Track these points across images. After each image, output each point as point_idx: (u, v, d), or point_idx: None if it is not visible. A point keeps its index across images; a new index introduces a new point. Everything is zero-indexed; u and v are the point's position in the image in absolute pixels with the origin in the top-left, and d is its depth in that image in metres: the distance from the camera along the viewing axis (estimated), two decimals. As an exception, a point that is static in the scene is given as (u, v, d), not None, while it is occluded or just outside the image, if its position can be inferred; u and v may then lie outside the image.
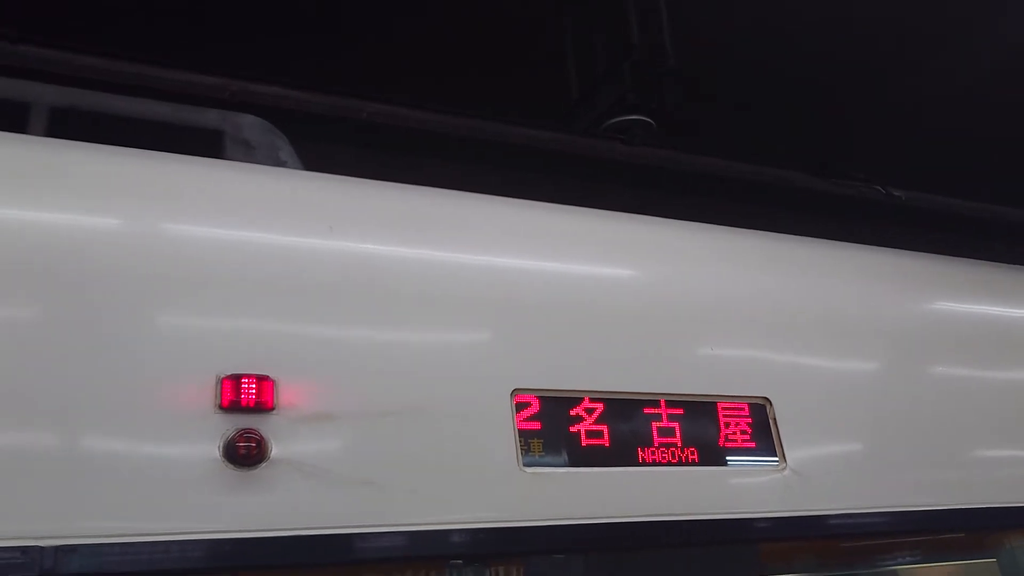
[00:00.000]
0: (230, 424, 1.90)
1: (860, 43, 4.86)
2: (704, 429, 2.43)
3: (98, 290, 1.93)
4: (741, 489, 2.41)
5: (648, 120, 4.06)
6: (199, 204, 2.20)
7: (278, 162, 2.81)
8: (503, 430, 2.18)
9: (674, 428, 2.38)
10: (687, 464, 2.36)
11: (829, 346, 2.80)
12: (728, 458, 2.43)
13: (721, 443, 2.43)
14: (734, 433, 2.46)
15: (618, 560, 2.37)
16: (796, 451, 2.51)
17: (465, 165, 3.70)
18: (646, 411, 2.37)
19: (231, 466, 1.87)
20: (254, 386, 1.93)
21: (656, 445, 2.34)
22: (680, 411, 2.41)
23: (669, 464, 2.33)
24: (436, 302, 2.26)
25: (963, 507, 2.71)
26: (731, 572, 2.49)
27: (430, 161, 3.59)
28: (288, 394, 1.98)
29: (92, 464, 1.79)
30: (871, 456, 2.66)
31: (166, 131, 2.75)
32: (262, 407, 1.93)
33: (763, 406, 2.55)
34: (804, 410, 2.60)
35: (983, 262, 3.59)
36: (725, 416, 2.47)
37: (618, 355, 2.42)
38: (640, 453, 2.31)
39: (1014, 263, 3.70)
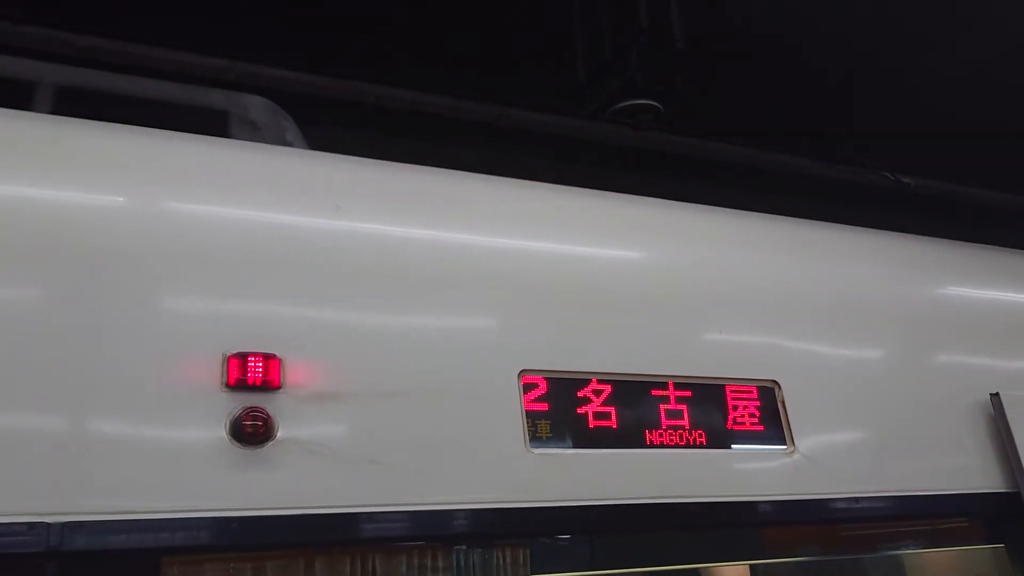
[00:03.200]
0: (236, 402, 1.90)
1: (870, 27, 4.81)
2: (712, 412, 2.41)
3: (104, 268, 1.93)
4: (749, 472, 2.40)
5: (656, 104, 4.02)
6: (207, 183, 2.18)
7: (284, 144, 2.79)
8: (510, 411, 2.17)
9: (682, 411, 2.37)
10: (695, 447, 2.35)
11: (838, 330, 2.78)
12: (736, 441, 2.41)
13: (729, 426, 2.42)
14: (742, 416, 2.45)
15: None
16: (804, 435, 2.49)
17: (471, 149, 3.67)
18: (654, 393, 2.36)
19: (237, 444, 1.87)
20: (260, 364, 1.93)
21: (664, 427, 2.33)
22: (688, 393, 2.40)
23: (677, 447, 2.32)
24: (443, 282, 2.25)
25: (972, 492, 2.70)
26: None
27: (436, 145, 3.56)
28: (295, 373, 1.97)
29: (99, 442, 1.79)
30: (880, 441, 2.64)
31: (171, 111, 2.73)
32: (269, 386, 1.93)
33: (772, 389, 2.53)
34: (813, 394, 2.59)
35: (995, 247, 3.56)
36: (733, 399, 2.46)
37: (626, 337, 2.41)
38: (648, 435, 2.30)
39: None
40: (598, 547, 2.31)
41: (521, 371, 2.22)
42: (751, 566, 2.64)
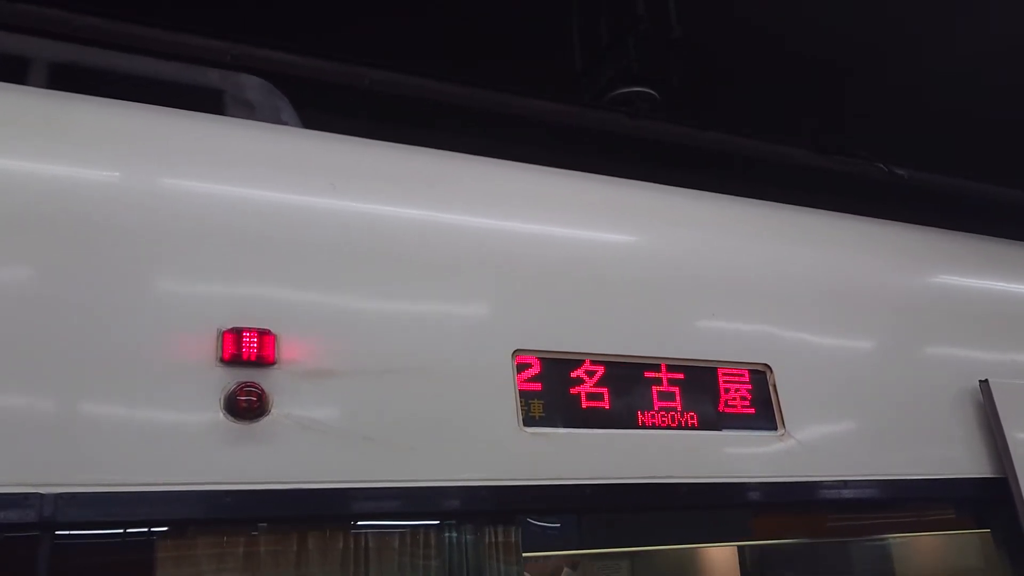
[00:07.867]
0: (231, 377, 1.90)
1: (865, 19, 4.82)
2: (704, 394, 2.43)
3: (99, 244, 1.92)
4: (740, 454, 2.42)
5: (652, 92, 4.03)
6: (203, 160, 2.18)
7: (279, 123, 2.79)
8: (504, 390, 2.18)
9: (674, 392, 2.39)
10: (686, 428, 2.37)
11: (830, 316, 2.80)
12: (727, 423, 2.44)
13: (721, 408, 2.44)
14: (734, 399, 2.47)
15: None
16: (795, 418, 2.52)
17: (467, 135, 3.67)
18: (647, 375, 2.38)
19: (232, 419, 1.88)
20: (255, 340, 1.93)
21: (656, 409, 2.35)
22: (681, 376, 2.42)
23: (668, 428, 2.34)
24: (439, 262, 2.26)
25: (960, 477, 2.72)
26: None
27: (431, 131, 3.56)
28: (290, 349, 1.98)
29: (94, 415, 1.80)
30: (871, 425, 2.67)
31: (166, 90, 2.72)
32: (263, 361, 1.94)
33: (763, 373, 2.55)
34: (804, 378, 2.61)
35: (985, 237, 3.59)
36: (725, 382, 2.47)
37: (620, 319, 2.42)
38: (640, 416, 2.32)
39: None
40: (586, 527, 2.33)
41: (515, 351, 2.23)
42: (739, 548, 2.66)
